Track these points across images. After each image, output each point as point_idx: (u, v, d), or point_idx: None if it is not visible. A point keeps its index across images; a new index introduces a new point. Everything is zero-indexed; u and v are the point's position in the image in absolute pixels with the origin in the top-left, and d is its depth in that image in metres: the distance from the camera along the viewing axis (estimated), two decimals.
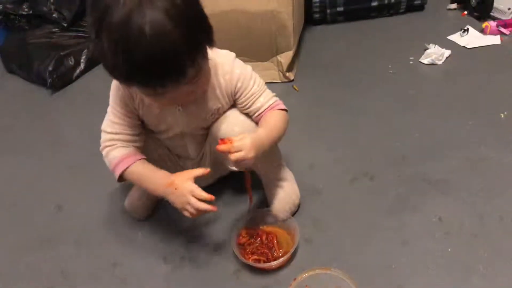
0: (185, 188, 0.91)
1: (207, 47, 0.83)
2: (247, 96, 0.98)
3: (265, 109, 0.98)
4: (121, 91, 0.96)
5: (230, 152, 0.87)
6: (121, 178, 0.98)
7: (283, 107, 1.01)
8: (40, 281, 1.05)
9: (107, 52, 0.74)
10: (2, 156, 1.52)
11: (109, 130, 0.98)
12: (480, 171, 1.16)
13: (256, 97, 0.98)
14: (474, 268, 0.93)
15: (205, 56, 0.83)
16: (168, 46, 0.73)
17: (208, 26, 0.82)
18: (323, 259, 0.99)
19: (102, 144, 0.99)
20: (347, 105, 1.49)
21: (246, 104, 0.99)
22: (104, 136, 0.99)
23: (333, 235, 1.05)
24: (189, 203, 0.90)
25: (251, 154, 0.88)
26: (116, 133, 0.97)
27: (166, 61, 0.74)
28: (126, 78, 0.79)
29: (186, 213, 0.92)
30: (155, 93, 0.81)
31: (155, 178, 0.97)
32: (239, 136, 0.89)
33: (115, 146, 0.98)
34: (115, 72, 0.79)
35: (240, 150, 0.87)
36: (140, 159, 0.98)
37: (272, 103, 1.00)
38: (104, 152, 0.99)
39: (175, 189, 0.92)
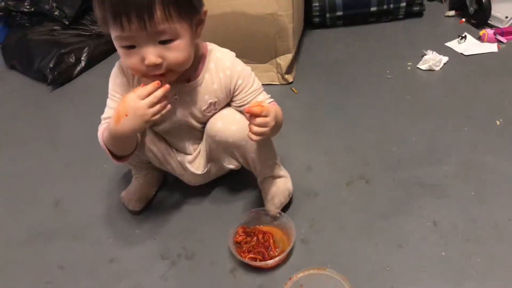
0: (128, 104, 0.85)
1: (191, 13, 0.85)
2: (248, 92, 1.00)
3: None
4: (119, 79, 0.98)
5: (259, 115, 0.88)
6: (116, 156, 0.97)
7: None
8: (37, 275, 1.06)
9: None
10: (1, 151, 1.52)
11: (105, 115, 0.99)
12: (474, 177, 1.17)
13: (257, 94, 1.01)
14: (467, 273, 0.94)
15: (182, 17, 0.83)
16: None
17: None
18: (318, 260, 1.00)
19: (99, 130, 0.98)
20: (345, 109, 1.51)
21: (246, 99, 1.01)
22: (100, 124, 0.99)
23: (328, 236, 1.06)
24: (144, 107, 0.84)
25: (273, 122, 0.90)
26: (110, 117, 0.93)
27: None
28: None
29: (155, 117, 0.86)
30: (122, 34, 0.81)
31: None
32: (264, 103, 0.92)
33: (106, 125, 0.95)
34: None
35: (267, 116, 0.89)
36: None
37: (271, 102, 1.03)
38: (99, 136, 0.97)
39: (126, 115, 0.85)
